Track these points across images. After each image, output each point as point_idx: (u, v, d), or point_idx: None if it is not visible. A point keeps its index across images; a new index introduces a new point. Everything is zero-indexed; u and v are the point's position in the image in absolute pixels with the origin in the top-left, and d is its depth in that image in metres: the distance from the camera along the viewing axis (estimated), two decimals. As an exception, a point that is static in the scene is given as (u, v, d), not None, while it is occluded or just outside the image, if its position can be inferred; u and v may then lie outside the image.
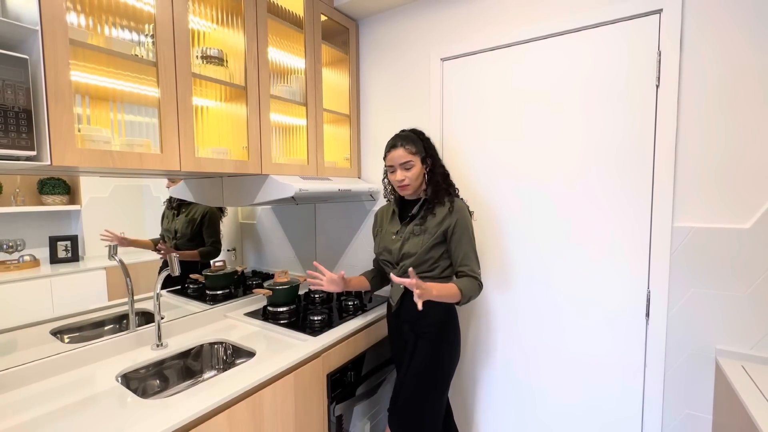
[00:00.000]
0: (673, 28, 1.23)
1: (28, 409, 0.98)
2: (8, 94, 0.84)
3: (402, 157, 1.31)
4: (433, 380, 1.33)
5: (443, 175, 1.37)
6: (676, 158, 1.26)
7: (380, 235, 1.45)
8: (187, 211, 1.76)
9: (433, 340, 1.33)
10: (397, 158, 1.32)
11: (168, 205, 1.70)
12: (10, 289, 1.22)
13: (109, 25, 1.12)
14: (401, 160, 1.31)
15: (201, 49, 1.35)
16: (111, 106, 1.17)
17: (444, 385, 1.36)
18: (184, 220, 1.75)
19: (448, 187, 1.37)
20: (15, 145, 0.86)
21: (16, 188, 1.25)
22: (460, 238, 1.30)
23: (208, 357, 1.44)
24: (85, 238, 1.39)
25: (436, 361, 1.33)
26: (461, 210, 1.32)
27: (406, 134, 1.36)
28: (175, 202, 1.72)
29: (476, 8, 1.59)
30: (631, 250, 1.35)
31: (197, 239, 1.80)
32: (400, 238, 1.35)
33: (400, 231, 1.37)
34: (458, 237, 1.30)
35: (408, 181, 1.32)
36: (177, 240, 1.72)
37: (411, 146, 1.32)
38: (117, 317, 1.45)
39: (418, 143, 1.33)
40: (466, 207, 1.34)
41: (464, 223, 1.31)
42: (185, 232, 1.75)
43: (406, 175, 1.31)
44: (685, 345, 1.28)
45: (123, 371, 1.19)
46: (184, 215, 1.75)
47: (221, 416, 1.03)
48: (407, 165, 1.31)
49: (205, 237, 1.84)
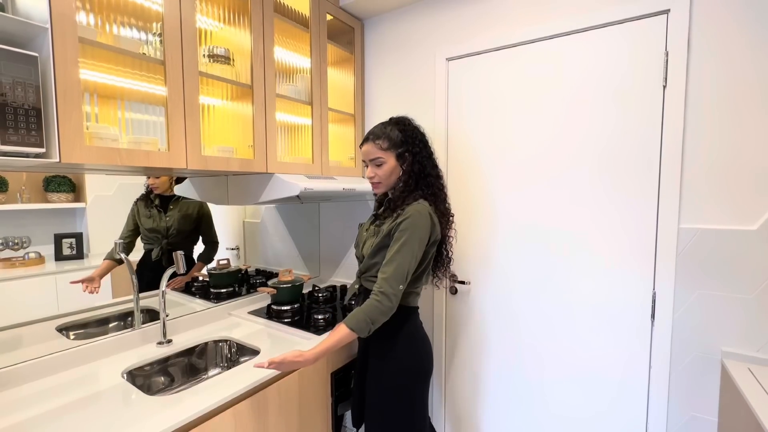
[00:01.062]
0: (680, 28, 1.22)
1: (35, 405, 0.99)
2: (18, 91, 0.85)
3: (371, 152, 1.21)
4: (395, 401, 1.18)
5: (418, 174, 1.20)
6: (683, 159, 1.25)
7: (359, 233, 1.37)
8: (177, 207, 1.65)
9: (379, 348, 1.20)
10: (366, 153, 1.22)
11: (146, 203, 1.58)
12: (15, 286, 1.23)
13: (117, 24, 1.12)
14: (370, 156, 1.21)
15: (208, 47, 1.35)
16: (119, 105, 1.18)
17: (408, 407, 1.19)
18: (178, 216, 1.64)
19: (418, 186, 1.20)
20: (24, 142, 0.86)
21: (22, 185, 1.26)
22: (395, 242, 1.12)
23: (212, 355, 1.44)
24: (89, 235, 1.40)
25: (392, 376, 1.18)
26: (413, 213, 1.13)
27: (383, 125, 1.24)
28: (156, 199, 1.61)
29: (482, 8, 1.59)
30: (637, 251, 1.34)
31: (192, 236, 1.72)
32: (365, 236, 1.27)
33: (368, 229, 1.28)
34: (396, 238, 1.13)
35: (378, 179, 1.22)
36: (169, 239, 1.62)
37: (383, 141, 1.19)
38: (122, 314, 1.46)
39: (393, 136, 1.20)
40: (425, 212, 1.15)
41: (407, 226, 1.12)
42: (182, 229, 1.65)
43: (376, 173, 1.21)
44: (690, 347, 1.28)
45: (128, 368, 1.20)
46: (177, 211, 1.64)
47: (227, 413, 1.03)
48: (377, 161, 1.20)
49: (202, 235, 1.75)
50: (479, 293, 1.68)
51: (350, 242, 2.06)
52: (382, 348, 1.20)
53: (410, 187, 1.20)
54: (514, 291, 1.60)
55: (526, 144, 1.52)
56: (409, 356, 1.19)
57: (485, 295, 1.67)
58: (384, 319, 1.10)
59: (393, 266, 1.10)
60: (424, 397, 1.24)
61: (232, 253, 2.02)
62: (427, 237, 1.14)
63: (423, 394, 1.24)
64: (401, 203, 1.18)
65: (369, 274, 1.22)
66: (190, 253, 1.73)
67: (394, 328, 1.18)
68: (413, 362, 1.20)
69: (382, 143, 1.20)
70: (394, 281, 1.10)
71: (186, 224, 1.68)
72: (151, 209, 1.59)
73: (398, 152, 1.20)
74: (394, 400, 1.18)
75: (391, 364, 1.18)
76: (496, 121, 1.59)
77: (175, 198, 1.67)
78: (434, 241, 1.19)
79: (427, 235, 1.14)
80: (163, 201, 1.63)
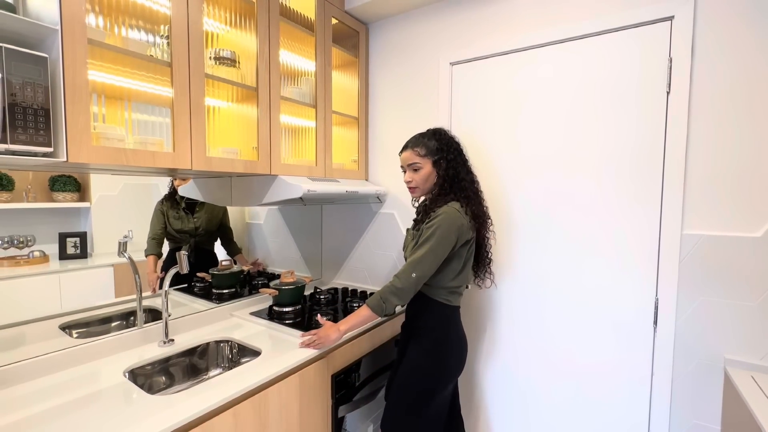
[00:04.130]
0: (684, 34, 1.22)
1: (37, 402, 0.99)
2: (28, 91, 0.86)
3: (409, 158, 1.31)
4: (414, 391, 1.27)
5: (452, 178, 1.28)
6: (687, 165, 1.25)
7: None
8: (203, 209, 1.77)
9: (421, 345, 1.29)
10: (405, 159, 1.33)
11: (172, 205, 1.67)
12: (20, 284, 1.24)
13: (126, 26, 1.14)
14: (408, 161, 1.31)
15: (214, 50, 1.37)
16: (126, 105, 1.19)
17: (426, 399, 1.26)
18: (205, 217, 1.76)
19: (452, 190, 1.27)
20: (33, 142, 0.87)
21: (28, 185, 1.27)
22: (420, 238, 1.22)
23: (213, 355, 1.45)
24: (93, 235, 1.41)
25: (419, 369, 1.27)
26: (441, 213, 1.21)
27: (421, 135, 1.33)
28: (183, 202, 1.71)
29: (486, 13, 1.60)
30: (640, 257, 1.34)
31: (216, 235, 1.85)
32: (407, 242, 1.36)
33: (410, 234, 1.36)
34: (421, 236, 1.22)
35: (415, 183, 1.31)
36: (198, 238, 1.75)
37: (421, 148, 1.29)
38: (124, 314, 1.47)
39: (430, 144, 1.29)
40: (453, 212, 1.20)
41: (433, 224, 1.19)
42: (209, 229, 1.79)
43: (413, 177, 1.31)
44: (693, 354, 1.27)
45: (130, 367, 1.20)
46: (203, 212, 1.76)
47: (227, 414, 1.03)
48: (414, 166, 1.30)
49: (224, 234, 1.88)
50: (481, 295, 1.68)
51: (352, 244, 2.07)
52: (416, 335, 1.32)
53: (445, 191, 1.27)
54: (513, 292, 1.59)
55: (529, 149, 1.53)
56: (434, 352, 1.27)
57: (487, 297, 1.66)
58: (396, 300, 1.20)
59: (412, 256, 1.22)
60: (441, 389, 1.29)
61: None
62: (454, 236, 1.20)
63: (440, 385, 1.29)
64: (435, 206, 1.25)
65: None
66: (213, 249, 1.86)
67: (432, 320, 1.29)
68: (434, 360, 1.27)
69: (420, 150, 1.29)
70: (409, 267, 1.20)
71: (212, 224, 1.80)
72: (179, 211, 1.69)
73: (434, 159, 1.28)
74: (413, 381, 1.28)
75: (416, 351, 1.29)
76: (499, 125, 1.59)
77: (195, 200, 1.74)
78: (467, 241, 1.24)
79: (454, 234, 1.20)
80: (189, 202, 1.73)
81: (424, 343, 1.29)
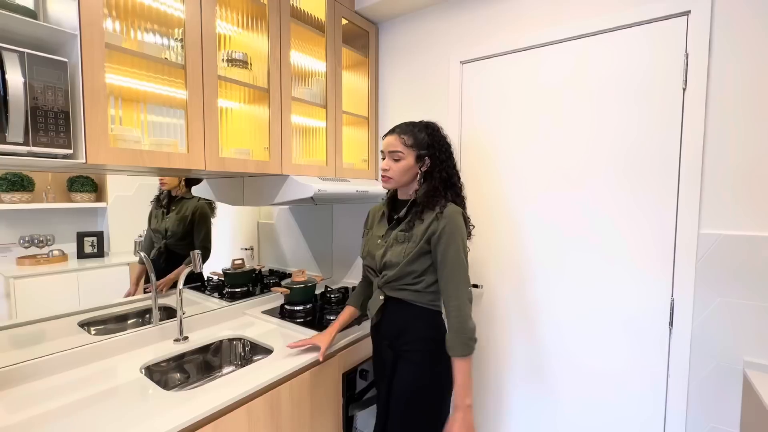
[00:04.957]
0: (701, 29, 1.20)
1: (58, 396, 1.02)
2: (48, 95, 0.89)
3: (392, 144, 1.17)
4: (420, 412, 1.15)
5: (444, 180, 1.18)
6: (704, 163, 1.22)
7: (366, 238, 1.29)
8: (177, 209, 1.65)
9: (416, 362, 1.15)
10: (388, 144, 1.18)
11: (156, 204, 1.61)
12: (40, 282, 1.28)
13: (142, 30, 1.16)
14: (391, 148, 1.17)
15: (226, 52, 1.39)
16: (141, 108, 1.22)
17: (434, 419, 1.15)
18: (174, 218, 1.63)
19: (446, 192, 1.18)
20: (53, 144, 0.90)
21: (48, 185, 1.31)
22: (445, 253, 1.10)
23: (227, 352, 1.47)
24: (110, 234, 1.45)
25: (421, 388, 1.15)
26: (452, 215, 1.11)
27: (412, 124, 1.21)
28: (164, 199, 1.63)
29: (496, 11, 1.59)
30: (655, 257, 1.31)
31: (188, 238, 1.69)
32: (384, 243, 1.20)
33: (385, 235, 1.21)
34: (441, 250, 1.11)
35: (391, 173, 1.17)
36: (167, 240, 1.61)
37: (408, 137, 1.16)
38: (140, 312, 1.50)
39: (420, 137, 1.17)
40: (460, 213, 1.14)
41: (452, 230, 1.10)
42: (176, 231, 1.63)
43: (390, 166, 1.17)
44: (710, 356, 1.24)
45: (147, 363, 1.23)
46: (175, 213, 1.64)
47: (241, 410, 1.05)
48: (396, 155, 1.16)
49: (194, 237, 1.71)
50: (491, 297, 1.67)
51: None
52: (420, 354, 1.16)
53: (439, 192, 1.16)
54: (527, 295, 1.58)
55: (542, 147, 1.51)
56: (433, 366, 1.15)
57: (497, 299, 1.65)
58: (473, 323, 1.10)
59: (461, 281, 1.11)
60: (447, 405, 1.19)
61: (247, 254, 2.05)
62: (466, 238, 1.17)
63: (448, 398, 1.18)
64: (431, 206, 1.14)
65: (402, 282, 1.15)
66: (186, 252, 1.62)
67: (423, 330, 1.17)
68: (436, 376, 1.16)
69: (407, 139, 1.16)
70: (470, 303, 1.11)
71: (180, 227, 1.65)
72: (159, 209, 1.62)
73: (419, 153, 1.16)
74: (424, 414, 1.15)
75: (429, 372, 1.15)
76: (510, 124, 1.58)
77: (179, 199, 1.67)
78: None
79: (466, 236, 1.16)
80: (170, 201, 1.64)
81: (418, 359, 1.16)
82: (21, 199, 1.23)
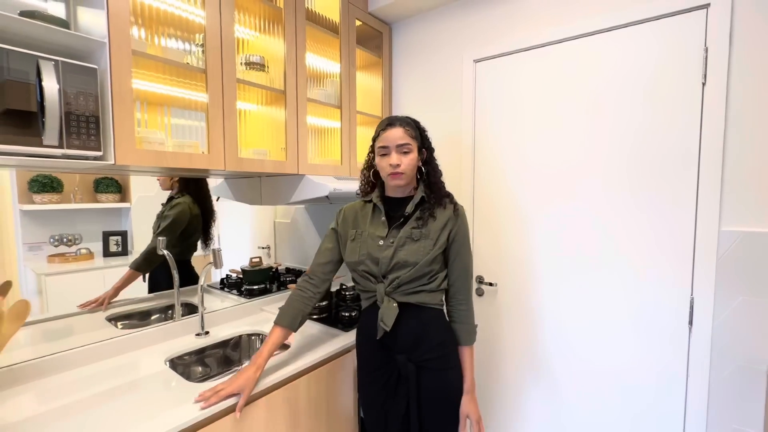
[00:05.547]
0: (722, 22, 1.17)
1: (88, 386, 1.08)
2: (80, 101, 0.94)
3: (400, 137, 1.06)
4: (456, 417, 1.12)
5: (440, 174, 1.17)
6: (724, 158, 1.20)
7: (359, 240, 1.14)
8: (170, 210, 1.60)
9: (443, 369, 1.11)
10: (395, 138, 1.06)
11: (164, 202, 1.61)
12: (69, 279, 1.34)
13: (165, 36, 1.21)
14: (399, 141, 1.06)
15: (245, 56, 1.43)
16: (165, 111, 1.27)
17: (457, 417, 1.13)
18: (167, 220, 1.58)
19: (444, 190, 1.16)
20: (85, 146, 0.95)
21: (75, 187, 1.36)
22: (460, 250, 1.12)
23: (246, 347, 1.51)
24: (133, 233, 1.50)
25: (452, 393, 1.12)
26: (465, 216, 1.15)
27: (403, 116, 1.13)
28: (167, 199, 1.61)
29: (510, 8, 1.59)
30: (673, 255, 1.29)
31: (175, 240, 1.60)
32: (391, 244, 1.09)
33: (390, 235, 1.11)
34: (458, 248, 1.12)
35: (403, 168, 1.06)
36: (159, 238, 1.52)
37: (410, 129, 1.09)
38: (162, 307, 1.56)
39: (415, 129, 1.12)
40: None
41: (467, 233, 1.14)
42: (155, 230, 1.57)
43: (402, 160, 1.06)
44: (732, 356, 1.22)
45: (171, 356, 1.28)
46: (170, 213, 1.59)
47: (260, 401, 1.09)
48: (405, 148, 1.06)
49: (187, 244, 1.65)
50: (506, 296, 1.67)
51: (376, 242, 2.09)
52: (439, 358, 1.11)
53: (443, 186, 1.16)
54: (542, 293, 1.57)
55: (557, 145, 1.50)
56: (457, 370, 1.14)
57: (512, 297, 1.65)
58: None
59: (468, 279, 1.16)
60: None
61: (263, 252, 2.10)
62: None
63: None
64: (441, 202, 1.12)
65: (417, 284, 1.08)
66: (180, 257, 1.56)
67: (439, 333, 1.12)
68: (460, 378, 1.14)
69: (411, 131, 1.08)
70: (467, 282, 1.16)
71: (171, 231, 1.58)
72: (162, 207, 1.60)
73: (419, 144, 1.12)
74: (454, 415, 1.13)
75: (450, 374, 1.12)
76: (524, 121, 1.58)
77: (168, 199, 1.62)
78: None
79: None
80: (167, 202, 1.61)
81: (444, 365, 1.11)
82: (51, 199, 1.29)
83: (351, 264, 1.16)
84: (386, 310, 1.07)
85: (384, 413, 1.15)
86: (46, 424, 0.91)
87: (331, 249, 1.22)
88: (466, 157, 1.73)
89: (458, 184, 1.73)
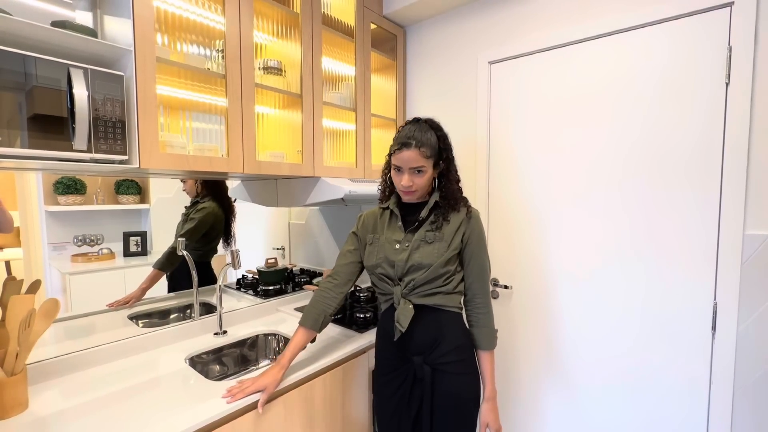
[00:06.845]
0: (746, 21, 1.14)
1: (111, 383, 1.11)
2: (108, 106, 0.97)
3: (414, 160, 1.06)
4: (472, 423, 1.13)
5: (457, 180, 1.17)
6: (749, 161, 1.17)
7: (376, 244, 1.17)
8: (195, 214, 1.64)
9: (460, 373, 1.11)
10: (408, 160, 1.07)
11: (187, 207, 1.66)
12: (91, 278, 1.38)
13: (187, 43, 1.24)
14: (413, 164, 1.07)
15: (262, 60, 1.45)
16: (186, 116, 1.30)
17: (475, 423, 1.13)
18: (190, 224, 1.63)
19: (461, 194, 1.18)
20: (112, 151, 0.98)
21: (98, 188, 1.41)
22: (475, 251, 1.13)
23: (262, 347, 1.54)
24: (152, 234, 1.54)
25: (469, 400, 1.12)
26: (479, 219, 1.16)
27: (421, 130, 1.09)
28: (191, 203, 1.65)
29: (526, 9, 1.57)
30: (696, 259, 1.26)
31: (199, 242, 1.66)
32: (406, 247, 1.11)
33: (405, 239, 1.13)
34: (472, 249, 1.13)
35: (416, 188, 1.10)
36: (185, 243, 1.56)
37: (427, 149, 1.07)
38: (181, 307, 1.59)
39: (432, 142, 1.09)
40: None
41: (482, 235, 1.15)
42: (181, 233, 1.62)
43: (415, 181, 1.08)
44: (757, 363, 1.18)
45: (190, 354, 1.31)
46: (196, 216, 1.65)
47: (278, 401, 1.10)
48: (419, 169, 1.08)
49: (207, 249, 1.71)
50: (522, 298, 1.66)
51: (390, 244, 2.09)
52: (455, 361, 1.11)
53: (459, 191, 1.16)
54: (560, 296, 1.55)
55: (574, 147, 1.48)
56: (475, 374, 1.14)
57: (528, 300, 1.64)
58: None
59: (486, 281, 1.16)
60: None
61: (278, 253, 2.13)
62: None
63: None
64: (455, 207, 1.14)
65: (433, 286, 1.09)
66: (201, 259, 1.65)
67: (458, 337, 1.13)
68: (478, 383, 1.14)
69: (427, 151, 1.07)
70: (485, 284, 1.16)
71: (192, 235, 1.63)
72: (186, 210, 1.65)
73: (435, 160, 1.11)
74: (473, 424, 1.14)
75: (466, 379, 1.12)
76: (541, 123, 1.56)
77: (193, 203, 1.67)
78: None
79: None
80: (191, 206, 1.67)
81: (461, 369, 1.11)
82: (74, 201, 1.34)
83: (369, 267, 1.19)
84: (402, 312, 1.09)
85: (398, 415, 1.16)
86: (76, 417, 0.94)
87: (353, 251, 1.25)
88: (480, 160, 1.72)
89: (473, 186, 1.73)
